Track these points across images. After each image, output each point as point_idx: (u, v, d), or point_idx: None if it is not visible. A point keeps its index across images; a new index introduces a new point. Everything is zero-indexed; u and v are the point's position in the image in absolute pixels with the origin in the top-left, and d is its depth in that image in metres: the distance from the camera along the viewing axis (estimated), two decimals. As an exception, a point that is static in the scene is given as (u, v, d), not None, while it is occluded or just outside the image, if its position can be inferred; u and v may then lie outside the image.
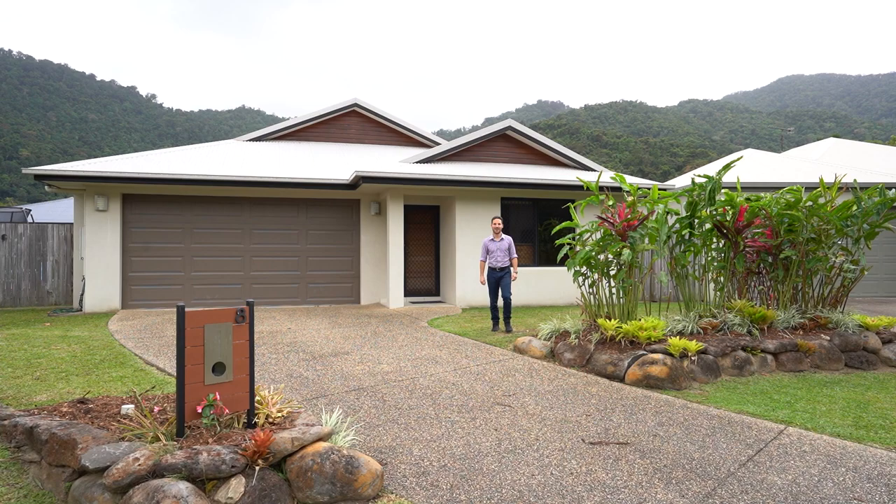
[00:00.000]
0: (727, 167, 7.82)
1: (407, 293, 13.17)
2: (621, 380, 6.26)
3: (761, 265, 8.55)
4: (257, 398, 3.99)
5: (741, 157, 9.44)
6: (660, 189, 8.05)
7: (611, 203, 7.73)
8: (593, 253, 7.50)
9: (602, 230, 7.65)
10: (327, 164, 13.32)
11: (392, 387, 5.90)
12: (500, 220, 9.00)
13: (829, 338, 7.30)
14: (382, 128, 16.89)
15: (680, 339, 6.52)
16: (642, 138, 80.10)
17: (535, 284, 12.85)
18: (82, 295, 11.50)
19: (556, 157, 14.12)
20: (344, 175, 12.11)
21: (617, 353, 6.56)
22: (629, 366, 6.30)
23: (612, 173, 8.52)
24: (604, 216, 7.57)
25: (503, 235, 8.98)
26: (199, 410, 3.53)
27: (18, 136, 70.50)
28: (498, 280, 8.97)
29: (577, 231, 7.93)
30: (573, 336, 7.21)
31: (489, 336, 8.68)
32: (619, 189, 8.28)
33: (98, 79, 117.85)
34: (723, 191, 7.93)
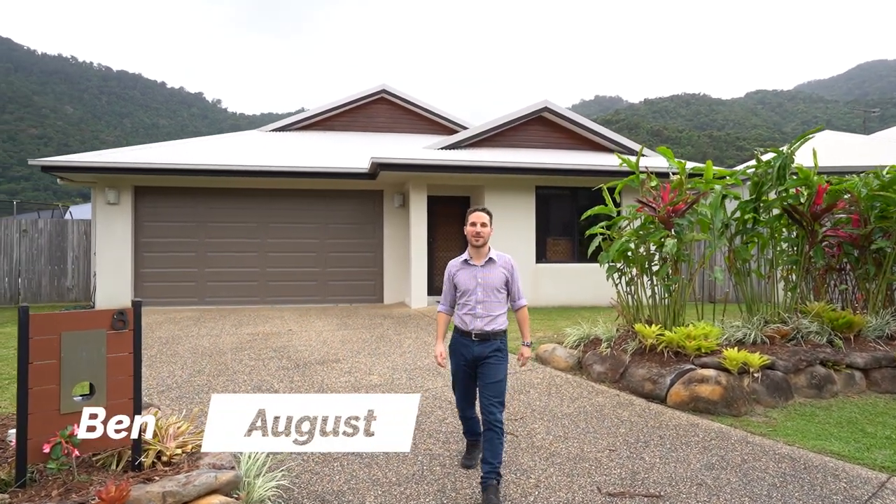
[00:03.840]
0: (802, 138, 6.29)
1: (434, 292, 12.11)
2: (662, 401, 5.03)
3: (844, 260, 7.02)
4: (156, 428, 3.03)
5: (821, 126, 7.80)
6: (716, 169, 6.61)
7: (653, 184, 6.36)
8: (631, 244, 6.19)
9: (642, 217, 6.31)
10: (350, 154, 12.46)
11: (373, 404, 4.86)
12: (484, 216, 3.65)
13: (937, 351, 5.77)
14: (413, 115, 15.84)
15: (739, 350, 5.24)
16: (706, 132, 75.59)
17: (574, 283, 11.54)
18: (94, 291, 11.08)
19: (599, 140, 12.72)
20: (365, 164, 11.18)
21: (657, 366, 5.30)
22: (672, 383, 5.04)
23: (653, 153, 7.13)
24: (644, 200, 6.23)
25: (496, 254, 3.74)
26: (47, 450, 2.59)
27: (98, 142, 74.53)
28: (474, 364, 3.60)
29: (613, 218, 6.62)
30: (605, 344, 5.97)
31: (510, 341, 7.46)
32: (667, 175, 6.84)
33: (168, 86, 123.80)
34: (794, 167, 6.42)
